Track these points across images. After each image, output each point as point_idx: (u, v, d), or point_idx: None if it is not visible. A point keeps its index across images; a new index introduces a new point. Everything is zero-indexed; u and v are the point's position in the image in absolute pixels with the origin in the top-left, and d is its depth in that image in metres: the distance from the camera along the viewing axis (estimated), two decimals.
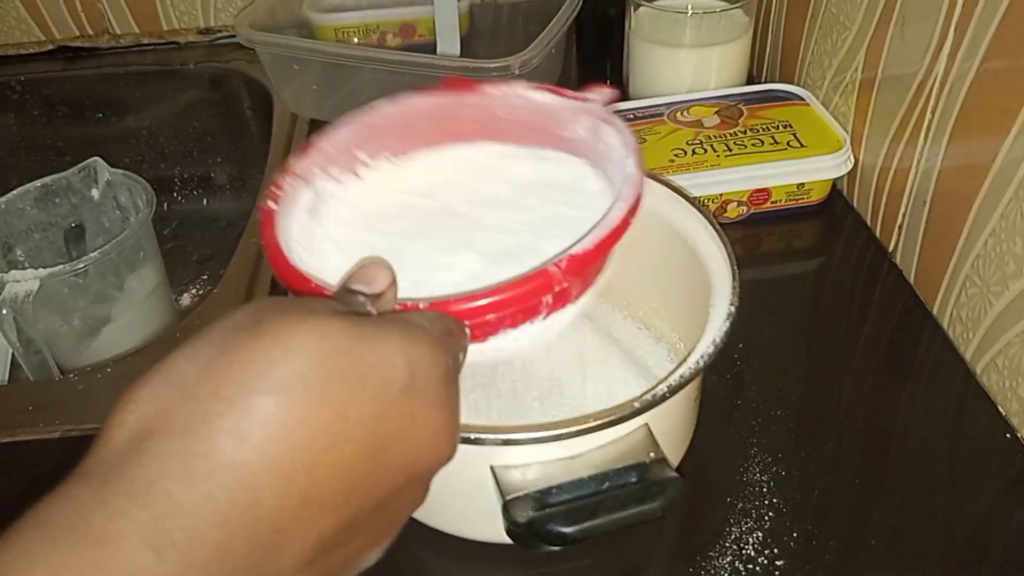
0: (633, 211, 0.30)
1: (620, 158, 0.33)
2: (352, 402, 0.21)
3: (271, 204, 0.32)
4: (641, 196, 0.31)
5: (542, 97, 0.36)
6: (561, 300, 0.29)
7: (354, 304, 0.25)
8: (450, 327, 0.25)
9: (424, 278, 0.31)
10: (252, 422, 0.19)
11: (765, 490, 0.43)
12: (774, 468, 0.44)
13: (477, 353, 0.27)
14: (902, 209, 0.56)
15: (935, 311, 0.52)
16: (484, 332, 0.28)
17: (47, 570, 0.17)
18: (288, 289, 0.29)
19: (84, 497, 0.18)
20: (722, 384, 0.49)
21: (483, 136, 0.38)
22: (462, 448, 0.33)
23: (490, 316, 0.27)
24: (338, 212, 0.34)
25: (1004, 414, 0.46)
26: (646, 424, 0.36)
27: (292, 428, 0.20)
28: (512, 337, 0.29)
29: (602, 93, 0.35)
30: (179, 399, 0.20)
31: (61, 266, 0.58)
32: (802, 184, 0.60)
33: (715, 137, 0.61)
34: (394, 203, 0.35)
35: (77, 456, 0.20)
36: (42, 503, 0.18)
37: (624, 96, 0.74)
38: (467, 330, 0.26)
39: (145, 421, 0.20)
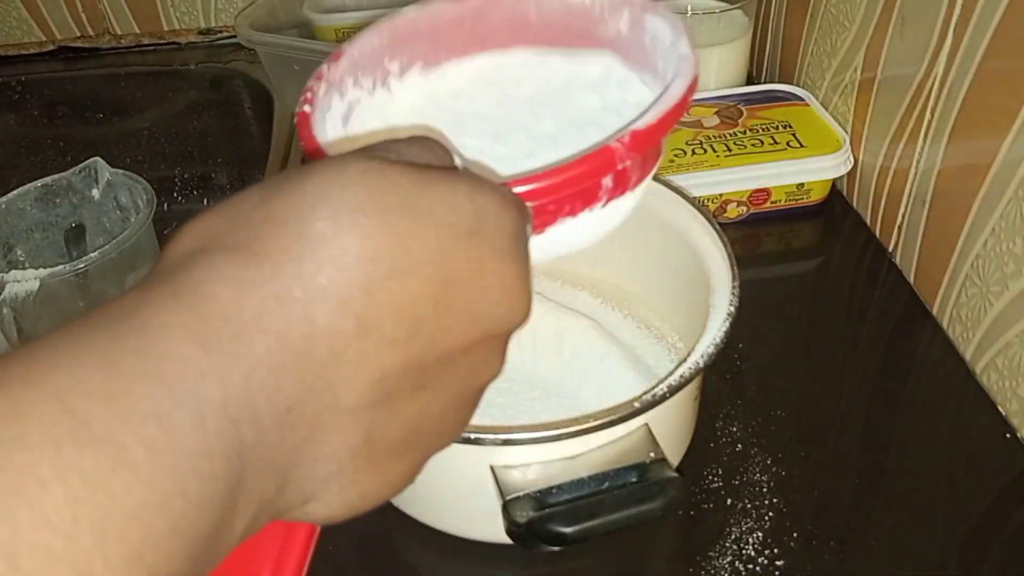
0: (692, 88, 0.28)
1: (670, 42, 0.31)
2: (413, 235, 0.19)
3: (306, 108, 0.30)
4: (698, 75, 0.29)
5: None
6: (620, 185, 0.27)
7: (416, 159, 0.22)
8: (519, 200, 0.23)
9: None
10: (305, 243, 0.18)
11: (765, 490, 0.43)
12: (774, 468, 0.44)
13: (535, 249, 0.25)
14: (902, 209, 0.56)
15: (935, 311, 0.52)
16: (543, 221, 0.26)
17: (81, 353, 0.16)
18: None
19: (130, 299, 0.17)
20: (722, 384, 0.49)
21: (516, 42, 0.35)
22: (462, 448, 0.34)
23: (550, 200, 0.25)
24: (366, 121, 0.33)
25: (1004, 414, 0.46)
26: (646, 424, 0.36)
27: (348, 251, 0.18)
28: (569, 229, 0.27)
29: None
30: (232, 224, 0.19)
31: (61, 266, 0.58)
32: (802, 184, 0.60)
33: (715, 137, 0.61)
34: (426, 111, 0.34)
35: None
36: (91, 310, 0.17)
37: None
38: (528, 208, 0.24)
39: (198, 243, 0.19)
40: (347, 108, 0.32)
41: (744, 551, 0.40)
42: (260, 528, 0.18)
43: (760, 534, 0.41)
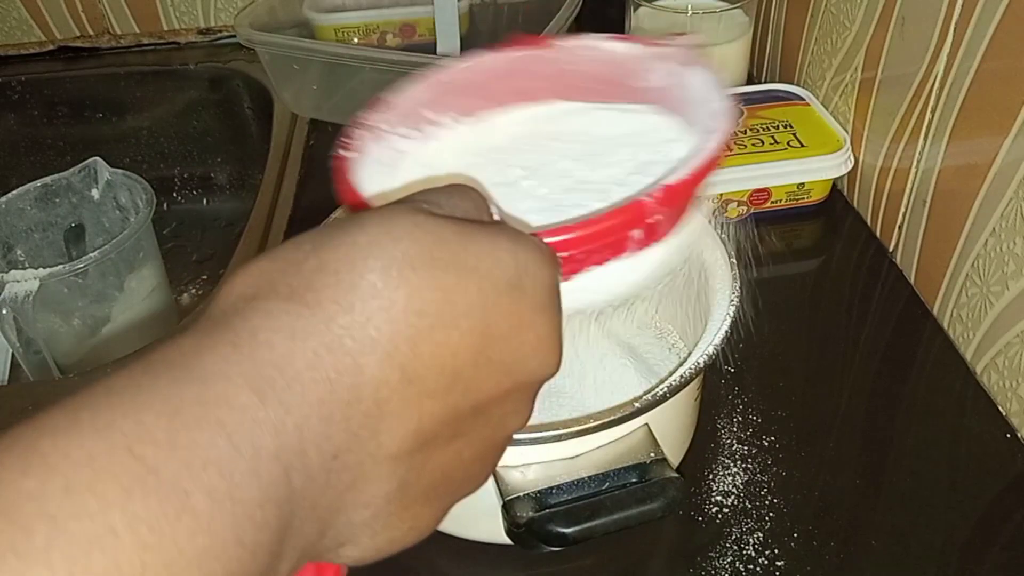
0: (725, 143, 0.29)
1: (703, 96, 0.31)
2: (458, 289, 0.20)
3: (345, 154, 0.30)
4: (732, 130, 0.30)
5: (615, 46, 0.34)
6: (650, 235, 0.27)
7: (456, 210, 0.24)
8: (552, 252, 0.24)
9: None
10: (356, 295, 0.19)
11: (765, 490, 0.43)
12: (774, 468, 0.44)
13: (563, 296, 0.25)
14: (902, 209, 0.56)
15: (935, 311, 0.52)
16: (571, 269, 0.27)
17: (147, 400, 0.16)
18: None
19: (188, 345, 0.18)
20: (722, 384, 0.49)
21: (553, 94, 0.36)
22: None
23: (579, 250, 0.26)
24: (409, 170, 0.33)
25: (1004, 414, 0.46)
26: (646, 424, 0.36)
27: (396, 304, 0.19)
28: (597, 277, 0.27)
29: (683, 39, 0.34)
30: (285, 271, 0.20)
31: (61, 266, 0.58)
32: (802, 184, 0.60)
33: None
34: (464, 163, 0.34)
35: None
36: (145, 351, 0.18)
37: None
38: (559, 259, 0.25)
39: (252, 288, 0.20)
40: (390, 156, 0.33)
41: (744, 551, 0.40)
42: (299, 570, 0.19)
43: (760, 534, 0.41)
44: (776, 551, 0.40)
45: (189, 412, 0.16)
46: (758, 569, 0.39)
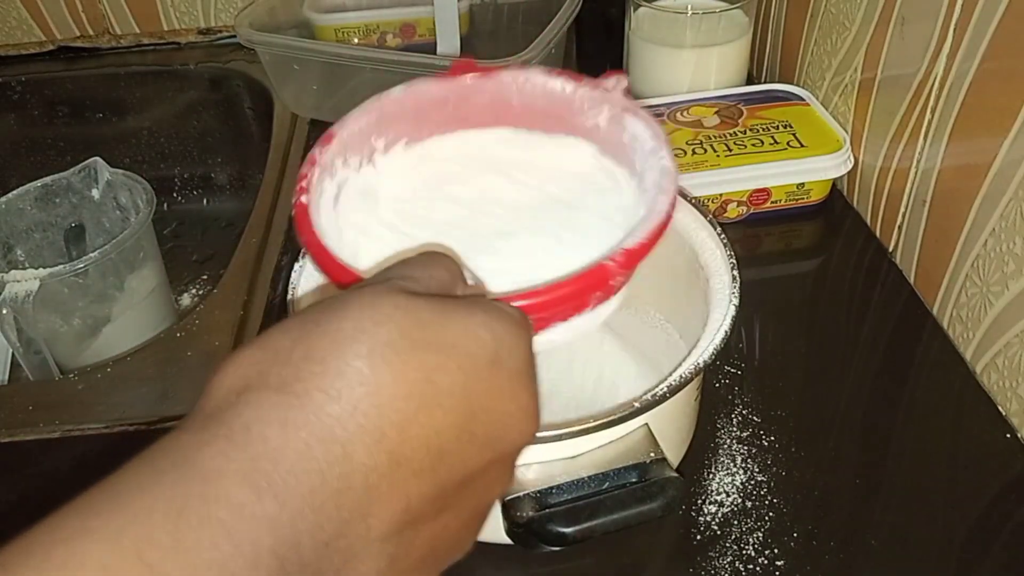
0: (675, 202, 0.30)
1: (650, 148, 0.33)
2: (440, 369, 0.21)
3: (304, 199, 0.31)
4: (677, 189, 0.31)
5: (558, 84, 0.35)
6: (608, 294, 0.29)
7: (432, 281, 0.25)
8: (524, 316, 0.25)
9: None
10: (343, 382, 0.20)
11: (765, 490, 0.43)
12: (774, 468, 0.44)
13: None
14: (902, 209, 0.56)
15: (935, 311, 0.52)
16: (538, 327, 0.28)
17: (156, 499, 0.17)
18: (338, 287, 0.29)
19: (186, 441, 0.19)
20: (722, 384, 0.49)
21: (497, 122, 0.37)
22: None
23: (547, 312, 0.27)
24: (356, 200, 0.34)
25: (1004, 414, 0.46)
26: (646, 424, 0.36)
27: (382, 389, 0.20)
28: (560, 331, 0.29)
29: (620, 82, 0.35)
30: (274, 361, 0.21)
31: (61, 266, 0.58)
32: (802, 184, 0.60)
33: (715, 137, 0.61)
34: (411, 190, 0.35)
35: (77, 456, 0.21)
36: (147, 449, 0.19)
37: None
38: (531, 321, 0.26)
39: (242, 380, 0.20)
40: (337, 188, 0.34)
41: (744, 551, 0.40)
42: None
43: (760, 534, 0.41)
44: (776, 551, 0.40)
45: (192, 513, 0.17)
46: (758, 569, 0.39)
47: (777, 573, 0.39)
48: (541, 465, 0.34)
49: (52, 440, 0.48)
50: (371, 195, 0.34)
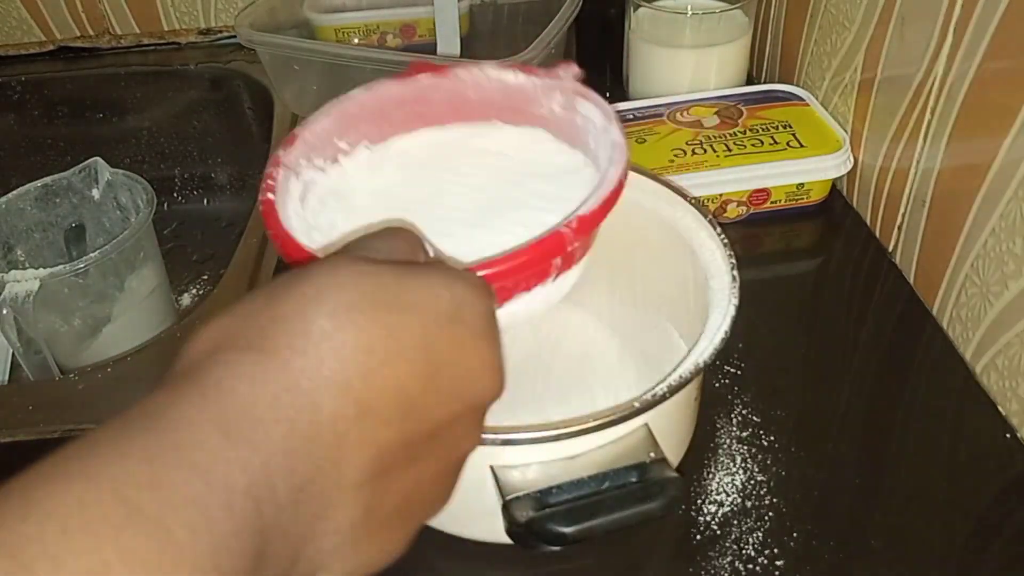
0: (626, 172, 0.32)
1: (601, 126, 0.34)
2: (401, 326, 0.22)
3: (270, 195, 0.32)
4: (628, 158, 0.32)
5: (512, 77, 0.37)
6: (568, 261, 0.31)
7: (393, 252, 0.26)
8: (486, 283, 0.26)
9: None
10: (308, 339, 0.21)
11: (764, 490, 0.43)
12: (774, 468, 0.44)
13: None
14: (902, 209, 0.56)
15: (935, 311, 0.52)
16: (502, 297, 0.29)
17: (127, 448, 0.18)
18: None
19: (158, 399, 0.20)
20: (722, 384, 0.49)
21: (456, 118, 0.38)
22: None
23: (509, 280, 0.28)
24: (324, 200, 0.35)
25: (1004, 414, 0.46)
26: (646, 424, 0.36)
27: (346, 344, 0.21)
28: (524, 301, 0.30)
29: (571, 69, 0.36)
30: (243, 325, 0.22)
31: (61, 266, 0.58)
32: (802, 184, 0.60)
33: (715, 137, 0.61)
34: (375, 187, 0.36)
35: None
36: (122, 412, 0.20)
37: (624, 96, 0.74)
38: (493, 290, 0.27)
39: (213, 343, 0.21)
40: (303, 188, 0.35)
41: (744, 551, 0.40)
42: None
43: (760, 534, 0.41)
44: (776, 551, 0.40)
45: (167, 456, 0.18)
46: (758, 569, 0.39)
47: (777, 573, 0.39)
48: (541, 465, 0.34)
49: (52, 440, 0.48)
50: (337, 195, 0.36)
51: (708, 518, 0.42)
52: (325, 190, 0.36)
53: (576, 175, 0.35)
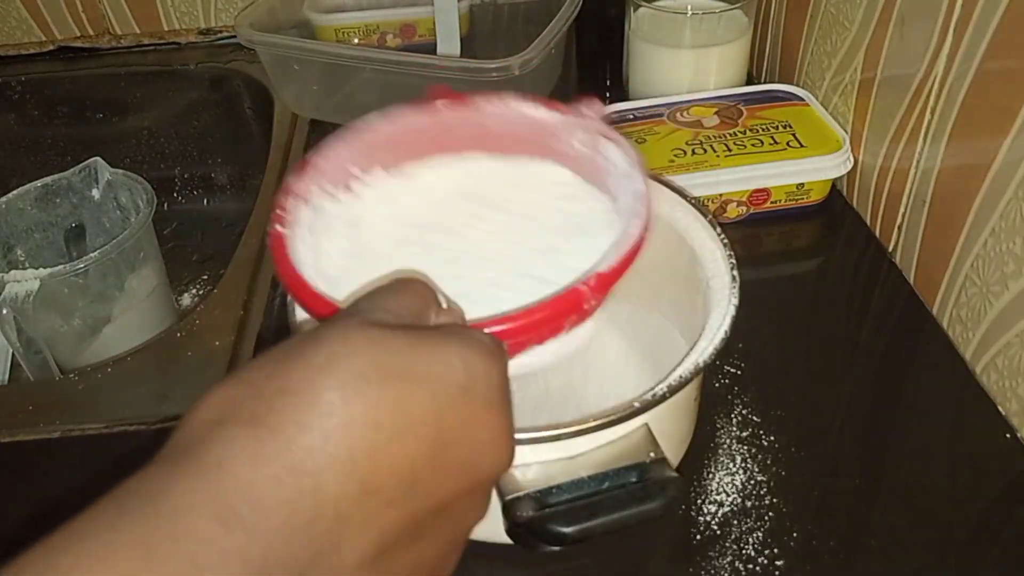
0: (648, 226, 0.31)
1: (624, 172, 0.33)
2: (412, 399, 0.21)
3: (280, 228, 0.32)
4: (653, 210, 0.31)
5: (535, 111, 0.36)
6: (583, 317, 0.30)
7: (404, 310, 0.25)
8: (499, 343, 0.26)
9: None
10: (315, 413, 0.20)
11: (765, 490, 0.43)
12: (774, 468, 0.44)
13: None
14: (902, 209, 0.56)
15: (935, 311, 0.52)
16: (513, 351, 0.28)
17: (124, 537, 0.18)
18: (313, 316, 0.29)
19: (157, 477, 0.19)
20: (722, 384, 0.49)
21: (475, 149, 0.38)
22: None
23: (522, 337, 0.28)
24: (338, 230, 0.34)
25: (1004, 414, 0.46)
26: (646, 424, 0.36)
27: (354, 420, 0.20)
28: (536, 353, 0.29)
29: (596, 107, 0.35)
30: (247, 395, 0.21)
31: (61, 266, 0.58)
32: (802, 184, 0.60)
33: (715, 137, 0.61)
34: (391, 218, 0.36)
35: (77, 456, 0.21)
36: (120, 485, 0.19)
37: (624, 96, 0.74)
38: (505, 348, 0.27)
39: (216, 414, 0.21)
40: (314, 217, 0.34)
41: (744, 551, 0.40)
42: None
43: (760, 534, 0.41)
44: (776, 551, 0.40)
45: (163, 551, 0.17)
46: (758, 569, 0.39)
47: (777, 573, 0.39)
48: (541, 465, 0.34)
49: (52, 440, 0.48)
50: (350, 224, 0.35)
51: (708, 518, 0.42)
52: (337, 218, 0.35)
53: (595, 216, 0.34)
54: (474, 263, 0.33)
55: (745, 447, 0.45)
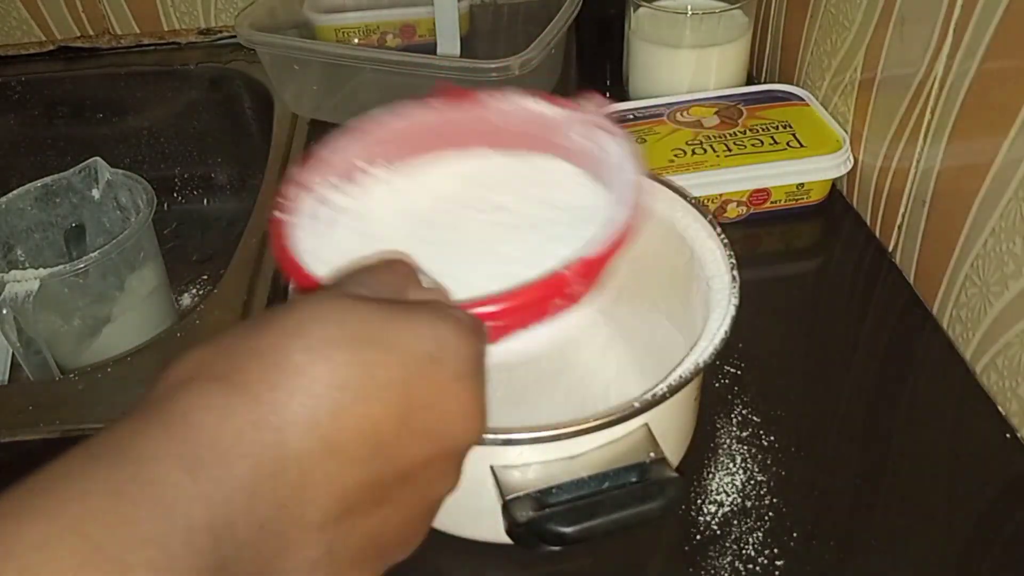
0: (636, 214, 0.31)
1: (618, 163, 0.34)
2: (379, 364, 0.22)
3: (279, 214, 0.32)
4: (642, 199, 0.31)
5: (536, 106, 0.37)
6: (568, 301, 0.30)
7: (383, 286, 0.26)
8: (478, 322, 0.26)
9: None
10: (281, 373, 0.21)
11: (764, 490, 0.43)
12: (774, 468, 0.44)
13: (494, 354, 0.28)
14: (902, 209, 0.56)
15: (935, 311, 0.52)
16: (499, 334, 0.29)
17: (90, 483, 0.18)
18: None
19: (126, 428, 0.20)
20: (722, 384, 0.49)
21: (481, 144, 0.38)
22: None
23: (504, 320, 0.28)
24: (342, 221, 0.35)
25: (1004, 414, 0.46)
26: (646, 424, 0.36)
27: (319, 379, 0.21)
28: (524, 338, 0.30)
29: (595, 101, 0.36)
30: (219, 356, 0.22)
31: (61, 266, 0.58)
32: (802, 184, 0.60)
33: (715, 137, 0.61)
34: (395, 210, 0.36)
35: None
36: (92, 436, 0.20)
37: (624, 96, 0.74)
38: (485, 328, 0.27)
39: (187, 372, 0.21)
40: (319, 207, 0.35)
41: (744, 551, 0.40)
42: None
43: (760, 534, 0.41)
44: (776, 551, 0.40)
45: (129, 493, 0.18)
46: (758, 569, 0.39)
47: (777, 573, 0.39)
48: (541, 465, 0.34)
49: (52, 440, 0.48)
50: (354, 216, 0.35)
51: (708, 518, 0.42)
52: (343, 212, 0.35)
53: (597, 209, 0.34)
54: (477, 256, 0.33)
55: (745, 447, 0.45)
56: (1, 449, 0.47)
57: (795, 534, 0.41)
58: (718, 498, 0.43)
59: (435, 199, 0.37)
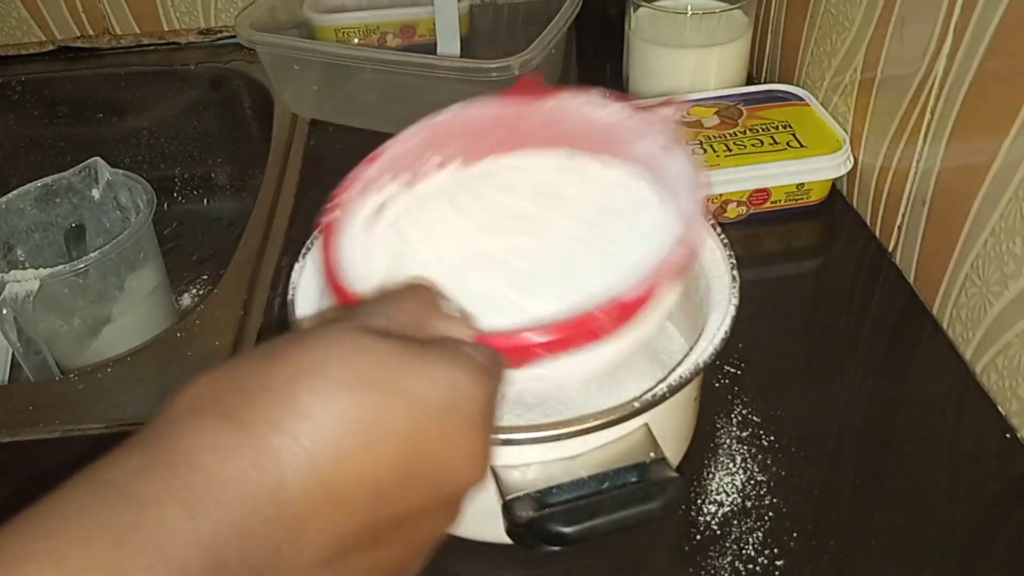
0: (691, 256, 0.30)
1: (684, 189, 0.33)
2: (388, 411, 0.22)
3: (334, 215, 0.32)
4: (699, 239, 0.31)
5: (614, 110, 0.36)
6: (599, 338, 0.29)
7: (403, 317, 0.25)
8: (496, 359, 0.26)
9: (481, 292, 0.32)
10: (289, 415, 0.21)
11: (764, 490, 0.43)
12: (774, 468, 0.44)
13: (520, 379, 0.27)
14: (902, 209, 0.56)
15: (935, 311, 0.52)
16: (521, 361, 0.28)
17: (93, 524, 0.18)
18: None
19: (131, 463, 0.20)
20: (722, 384, 0.49)
21: (553, 143, 0.37)
22: None
23: (524, 356, 0.28)
24: (399, 214, 0.35)
25: (1004, 414, 0.46)
26: (646, 424, 0.36)
27: (326, 424, 0.21)
28: (551, 367, 0.29)
29: (671, 111, 0.35)
30: (230, 387, 0.21)
31: (61, 266, 0.58)
32: (802, 184, 0.60)
33: (715, 137, 0.61)
34: (456, 210, 0.36)
35: (77, 456, 0.21)
36: (94, 465, 0.20)
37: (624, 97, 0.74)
38: (506, 361, 0.26)
39: (197, 401, 0.21)
40: (381, 203, 0.34)
41: (744, 551, 0.40)
42: None
43: (760, 534, 0.41)
44: (776, 551, 0.40)
45: (130, 540, 0.18)
46: (758, 569, 0.39)
47: (777, 573, 0.39)
48: (541, 465, 0.34)
49: (52, 440, 0.48)
50: (416, 206, 0.35)
51: (708, 518, 0.42)
52: (402, 204, 0.35)
53: (655, 224, 0.34)
54: (543, 262, 0.33)
55: (745, 447, 0.45)
56: (1, 449, 0.47)
57: (795, 534, 0.41)
58: (718, 498, 0.43)
59: (494, 198, 0.36)
